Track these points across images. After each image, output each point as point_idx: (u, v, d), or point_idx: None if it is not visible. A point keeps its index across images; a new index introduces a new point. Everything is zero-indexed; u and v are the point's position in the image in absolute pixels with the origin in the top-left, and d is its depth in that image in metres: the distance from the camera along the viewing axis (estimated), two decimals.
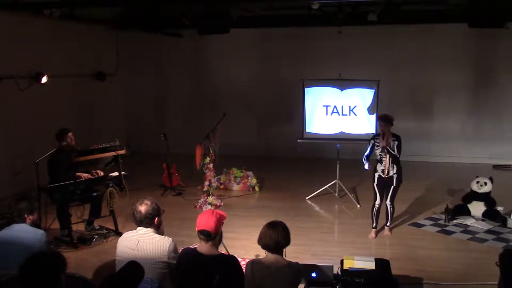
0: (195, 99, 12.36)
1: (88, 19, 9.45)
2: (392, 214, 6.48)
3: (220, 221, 3.52)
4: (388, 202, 6.36)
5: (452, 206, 7.27)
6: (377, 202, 6.39)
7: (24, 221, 4.24)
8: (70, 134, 6.31)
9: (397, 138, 6.24)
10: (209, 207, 7.53)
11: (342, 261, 4.65)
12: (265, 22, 10.12)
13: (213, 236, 3.47)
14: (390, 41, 11.02)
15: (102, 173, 6.45)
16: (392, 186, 6.28)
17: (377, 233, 6.48)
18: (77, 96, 10.17)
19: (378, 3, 8.27)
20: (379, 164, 6.29)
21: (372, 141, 6.37)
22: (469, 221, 6.91)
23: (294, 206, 7.83)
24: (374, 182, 6.38)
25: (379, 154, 6.26)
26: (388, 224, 6.52)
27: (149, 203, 3.77)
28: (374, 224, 6.46)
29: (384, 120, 6.23)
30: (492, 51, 10.77)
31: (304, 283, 4.17)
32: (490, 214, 7.04)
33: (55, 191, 6.01)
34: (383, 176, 6.27)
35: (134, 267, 2.97)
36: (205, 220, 3.48)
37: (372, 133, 8.23)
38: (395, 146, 6.18)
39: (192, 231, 3.64)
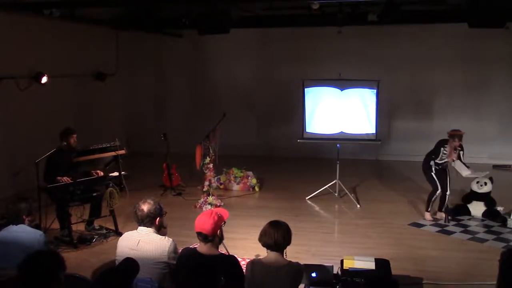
0: (195, 99, 12.36)
1: (88, 19, 9.44)
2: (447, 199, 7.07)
3: (218, 223, 3.52)
4: (448, 192, 6.95)
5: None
6: (438, 191, 6.93)
7: (22, 222, 4.24)
8: (74, 135, 6.32)
9: (462, 148, 6.88)
10: (209, 207, 7.53)
11: (342, 261, 4.65)
12: (265, 22, 10.13)
13: (210, 238, 3.47)
14: (390, 41, 11.02)
15: (102, 173, 6.45)
16: (448, 178, 6.96)
17: (432, 215, 7.10)
18: (77, 96, 10.17)
19: (378, 3, 8.27)
20: (433, 161, 6.91)
21: (442, 148, 6.86)
22: (469, 222, 6.92)
23: (294, 206, 7.82)
24: (432, 171, 6.94)
25: (444, 160, 6.89)
26: (443, 209, 7.05)
27: (152, 202, 3.79)
28: (429, 209, 7.08)
29: (458, 137, 6.79)
30: (492, 51, 10.77)
31: (304, 283, 4.16)
32: (490, 214, 7.05)
33: (55, 191, 6.01)
34: (438, 168, 6.93)
35: (129, 263, 2.98)
36: (202, 223, 3.49)
37: (372, 133, 8.28)
38: (462, 155, 6.90)
39: (192, 231, 3.65)
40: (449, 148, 6.79)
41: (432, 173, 6.95)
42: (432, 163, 6.94)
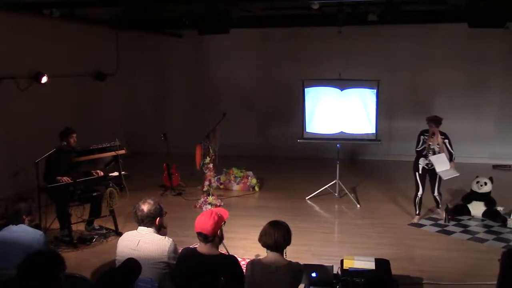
0: (195, 99, 12.36)
1: (88, 19, 9.44)
2: (441, 199, 6.98)
3: (218, 224, 3.52)
4: (436, 193, 6.88)
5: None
6: (420, 192, 6.90)
7: (22, 222, 4.24)
8: (74, 135, 6.33)
9: (445, 136, 6.72)
10: (209, 207, 7.54)
11: (342, 261, 4.65)
12: (265, 22, 10.13)
13: (210, 239, 3.48)
14: (390, 41, 11.02)
15: (102, 173, 6.45)
16: (438, 176, 6.72)
17: (420, 219, 6.98)
18: (77, 96, 10.17)
19: (378, 3, 8.27)
20: (423, 158, 6.77)
21: (422, 137, 6.79)
22: (469, 222, 6.92)
23: (294, 206, 7.83)
24: (418, 171, 6.85)
25: (427, 150, 6.71)
26: (439, 206, 7.04)
27: (152, 202, 3.79)
28: (418, 212, 6.99)
29: (434, 122, 6.65)
30: (492, 51, 10.77)
31: (304, 283, 4.16)
32: (490, 214, 7.05)
33: (55, 191, 6.01)
34: (427, 168, 6.78)
35: (131, 263, 2.98)
36: (202, 223, 3.49)
37: (372, 133, 8.29)
38: (448, 143, 6.71)
39: (192, 231, 3.65)
40: (429, 134, 6.70)
41: (417, 173, 6.88)
42: (420, 161, 6.84)
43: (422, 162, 6.82)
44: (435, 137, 6.64)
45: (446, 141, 6.68)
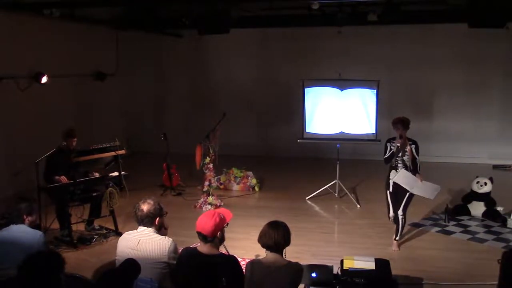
0: (195, 99, 12.36)
1: (88, 19, 9.44)
2: (403, 226, 5.99)
3: (219, 225, 3.51)
4: (400, 212, 5.92)
5: (452, 206, 7.27)
6: (391, 214, 6.06)
7: (22, 222, 4.24)
8: (74, 139, 6.31)
9: (413, 142, 5.95)
10: (209, 207, 7.54)
11: (342, 261, 4.65)
12: (265, 22, 10.13)
13: (210, 239, 3.48)
14: (390, 41, 11.02)
15: (97, 174, 6.44)
16: (408, 193, 5.88)
17: (399, 244, 6.05)
18: (77, 96, 10.17)
19: (378, 3, 8.27)
20: (394, 171, 5.98)
21: (388, 144, 6.01)
22: (469, 222, 6.91)
23: (294, 206, 7.83)
24: (388, 189, 6.02)
25: (395, 160, 5.97)
26: (397, 238, 6.00)
27: (152, 202, 3.79)
28: (397, 237, 6.02)
29: (401, 124, 5.90)
30: (492, 51, 10.77)
31: (304, 283, 4.16)
32: (490, 214, 7.05)
33: (55, 191, 6.01)
34: (397, 183, 5.91)
35: (130, 264, 2.98)
36: (203, 223, 3.49)
37: (372, 133, 8.28)
38: (414, 149, 5.92)
39: (192, 231, 3.65)
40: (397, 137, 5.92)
41: (388, 192, 6.04)
42: (391, 175, 6.00)
43: (392, 176, 5.98)
44: (402, 140, 5.87)
45: (413, 146, 5.89)
